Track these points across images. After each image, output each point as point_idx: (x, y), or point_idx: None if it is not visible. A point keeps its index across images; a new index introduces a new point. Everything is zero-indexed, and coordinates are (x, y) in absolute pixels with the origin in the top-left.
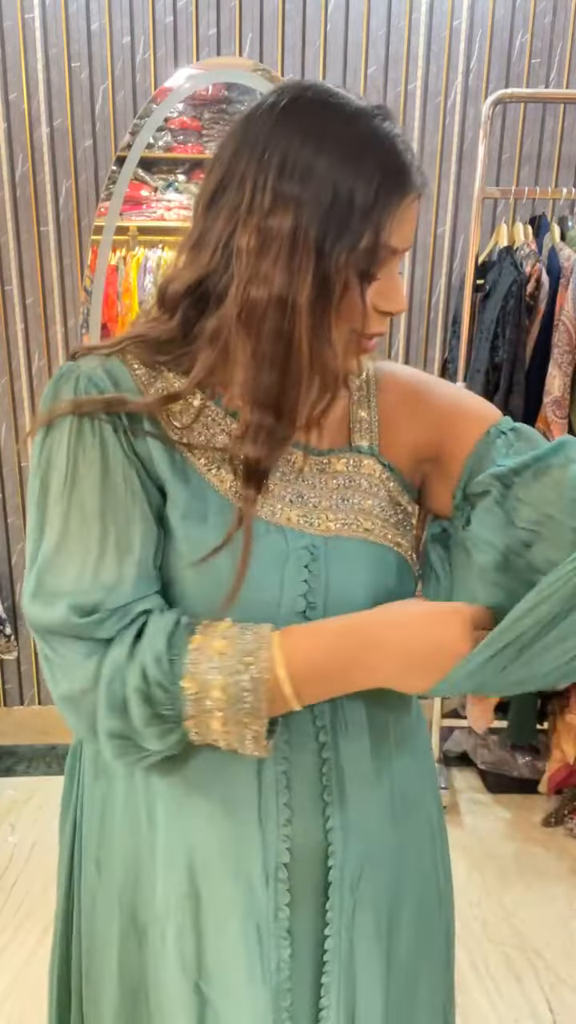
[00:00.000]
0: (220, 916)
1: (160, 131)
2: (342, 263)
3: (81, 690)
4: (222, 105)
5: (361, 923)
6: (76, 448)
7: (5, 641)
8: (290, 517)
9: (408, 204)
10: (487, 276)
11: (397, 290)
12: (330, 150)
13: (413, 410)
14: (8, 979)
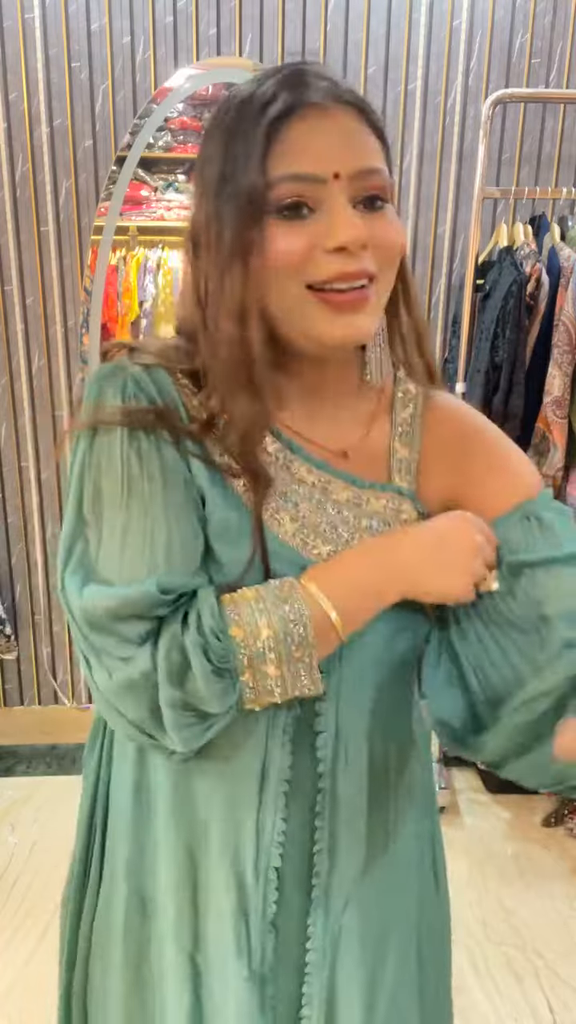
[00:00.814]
0: (215, 903)
1: (160, 131)
2: (236, 212)
3: (142, 672)
4: None
5: (345, 952)
6: (130, 452)
7: (5, 641)
8: (320, 551)
9: (295, 124)
10: (487, 276)
11: (339, 221)
12: (222, 128)
13: (455, 457)
14: (8, 979)
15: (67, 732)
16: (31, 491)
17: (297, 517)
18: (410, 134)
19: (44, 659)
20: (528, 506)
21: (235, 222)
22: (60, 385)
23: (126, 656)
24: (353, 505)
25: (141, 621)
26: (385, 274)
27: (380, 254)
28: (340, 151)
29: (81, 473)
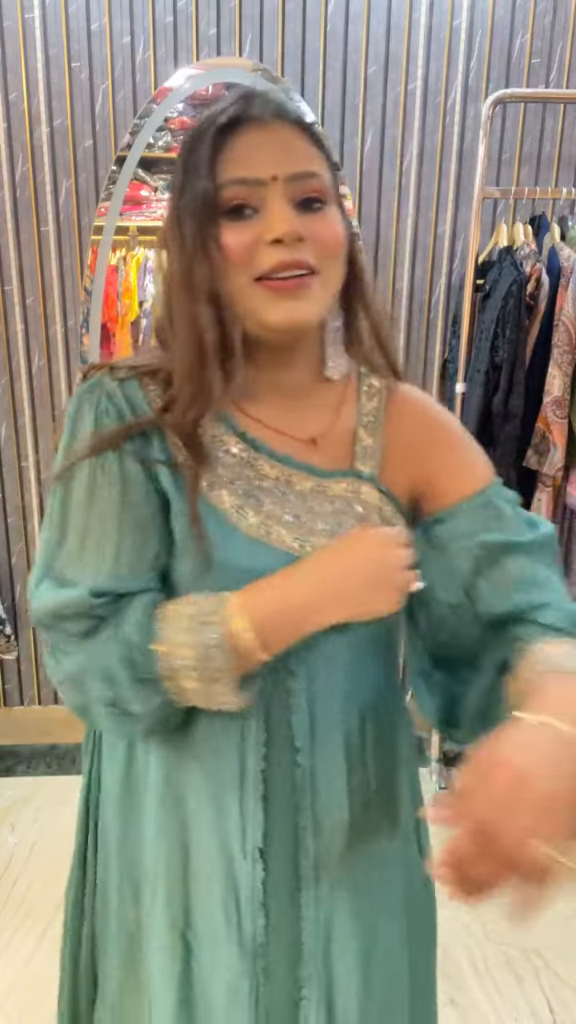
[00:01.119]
0: (205, 882)
1: (160, 131)
2: (191, 215)
3: (79, 667)
4: None
5: (339, 931)
6: (96, 466)
7: (5, 641)
8: (284, 539)
9: (235, 136)
10: (487, 276)
11: (275, 217)
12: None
13: (419, 446)
14: (8, 979)
15: (67, 732)
16: (31, 491)
17: (260, 511)
18: (410, 134)
19: (44, 659)
20: (486, 494)
21: (193, 222)
22: (60, 385)
23: (68, 651)
24: (316, 493)
25: (81, 620)
26: (327, 268)
27: (319, 249)
28: (277, 158)
29: (58, 478)
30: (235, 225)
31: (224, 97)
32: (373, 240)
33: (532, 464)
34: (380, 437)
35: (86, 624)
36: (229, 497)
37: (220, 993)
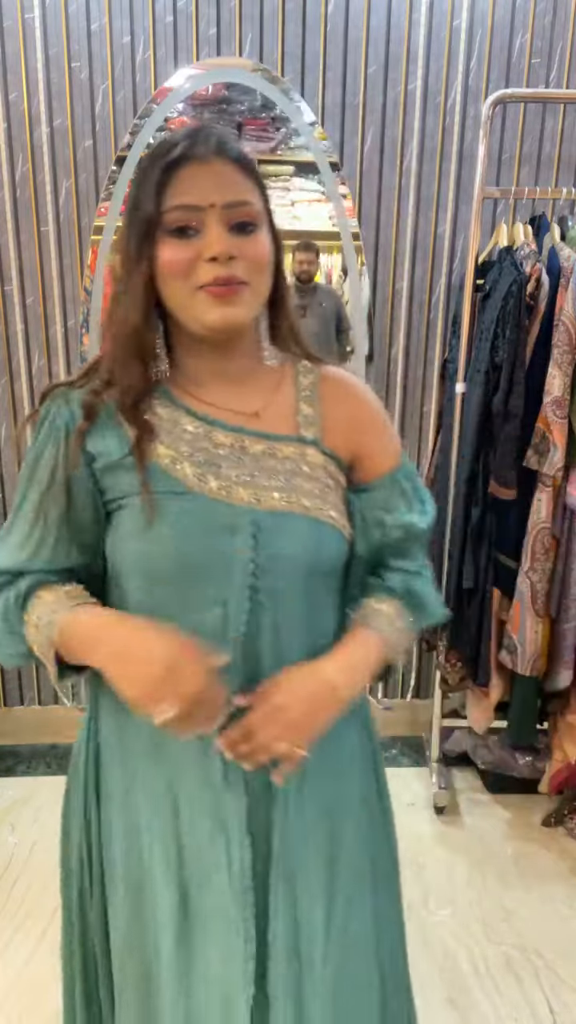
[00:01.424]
0: (194, 818)
1: (160, 131)
2: (140, 236)
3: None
4: (222, 105)
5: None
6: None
7: None
8: (242, 496)
9: (182, 171)
10: (487, 276)
11: (212, 238)
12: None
13: (351, 424)
14: (8, 979)
15: (67, 732)
16: None
17: (220, 475)
18: (410, 134)
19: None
20: (395, 474)
21: (135, 241)
22: None
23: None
24: (267, 455)
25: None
26: (255, 280)
27: (249, 265)
28: (215, 189)
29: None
30: (178, 243)
31: (176, 133)
32: (373, 240)
33: (532, 464)
34: (318, 408)
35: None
36: (191, 468)
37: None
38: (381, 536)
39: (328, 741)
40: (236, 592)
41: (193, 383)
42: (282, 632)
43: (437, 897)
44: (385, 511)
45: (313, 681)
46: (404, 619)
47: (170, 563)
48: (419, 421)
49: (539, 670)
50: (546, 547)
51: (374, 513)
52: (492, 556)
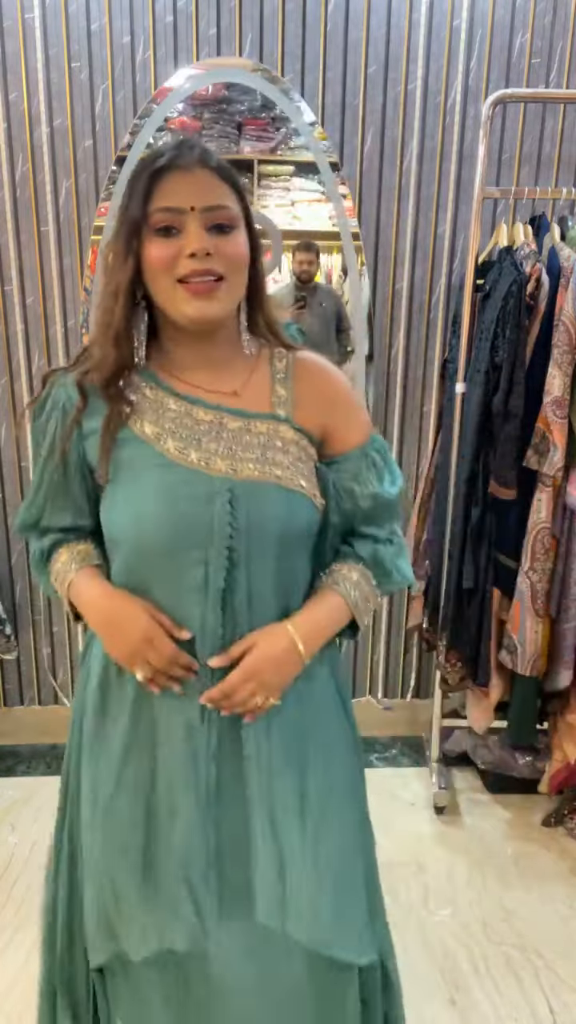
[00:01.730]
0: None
1: (160, 131)
2: (128, 234)
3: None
4: (222, 105)
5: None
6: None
7: (5, 641)
8: (220, 467)
9: (167, 178)
10: (487, 276)
11: (192, 237)
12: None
13: (322, 403)
14: (8, 979)
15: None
16: None
17: (201, 448)
18: (410, 134)
19: (44, 659)
20: (364, 447)
21: (123, 238)
22: None
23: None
24: (244, 431)
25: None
26: (232, 277)
27: (225, 262)
28: (195, 194)
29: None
30: (162, 241)
31: (165, 144)
32: (373, 240)
33: (532, 464)
34: (291, 390)
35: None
36: (173, 442)
37: (181, 835)
38: (352, 505)
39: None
40: (216, 553)
41: (178, 367)
42: (256, 588)
43: (437, 897)
44: (355, 482)
45: (281, 643)
46: (369, 584)
47: (156, 529)
48: (419, 421)
49: (539, 670)
50: (546, 547)
51: (345, 483)
52: (492, 556)
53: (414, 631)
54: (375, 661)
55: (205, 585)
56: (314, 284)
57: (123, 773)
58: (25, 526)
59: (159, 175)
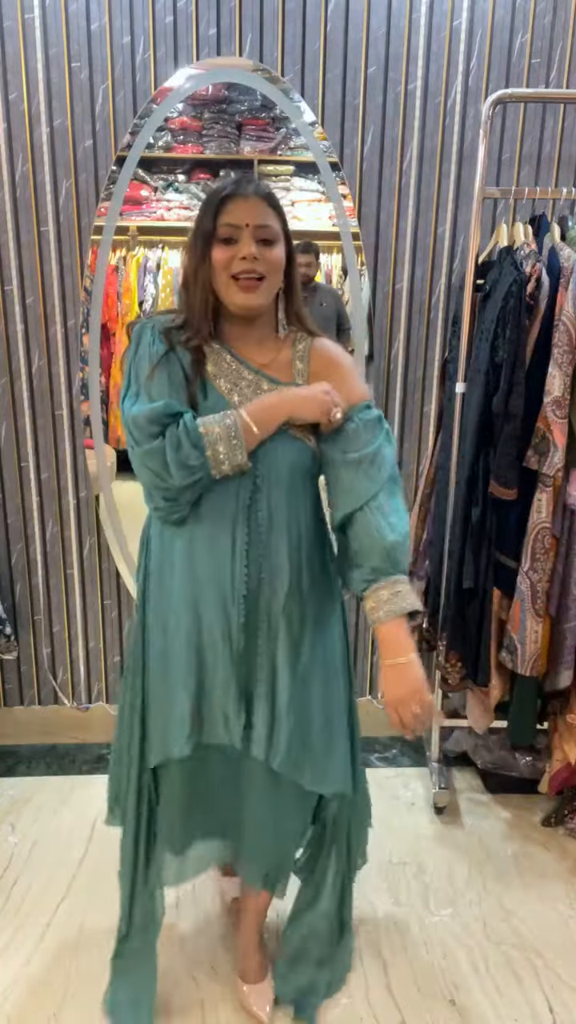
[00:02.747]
0: (209, 617)
1: (160, 131)
2: (203, 240)
3: (158, 447)
4: (222, 105)
5: (282, 641)
6: (151, 351)
7: (5, 641)
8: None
9: (231, 202)
10: (487, 276)
11: (244, 245)
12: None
13: (326, 368)
14: (8, 979)
15: (67, 732)
16: (31, 491)
17: (243, 395)
18: (410, 134)
19: (44, 659)
20: (360, 410)
21: (200, 245)
22: (60, 385)
23: (143, 444)
24: (273, 392)
25: (156, 424)
26: (270, 277)
27: (266, 266)
28: (249, 215)
29: (132, 360)
30: (225, 247)
31: (229, 177)
32: (373, 240)
33: (532, 464)
34: (307, 364)
35: (157, 428)
36: (225, 384)
37: (219, 680)
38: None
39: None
40: (246, 479)
41: (236, 340)
42: (272, 507)
43: (437, 897)
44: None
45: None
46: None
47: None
48: (419, 421)
49: (539, 670)
50: (546, 547)
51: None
52: (492, 556)
53: (414, 631)
54: (375, 661)
55: (237, 502)
56: (314, 284)
57: (179, 620)
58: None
59: (226, 200)
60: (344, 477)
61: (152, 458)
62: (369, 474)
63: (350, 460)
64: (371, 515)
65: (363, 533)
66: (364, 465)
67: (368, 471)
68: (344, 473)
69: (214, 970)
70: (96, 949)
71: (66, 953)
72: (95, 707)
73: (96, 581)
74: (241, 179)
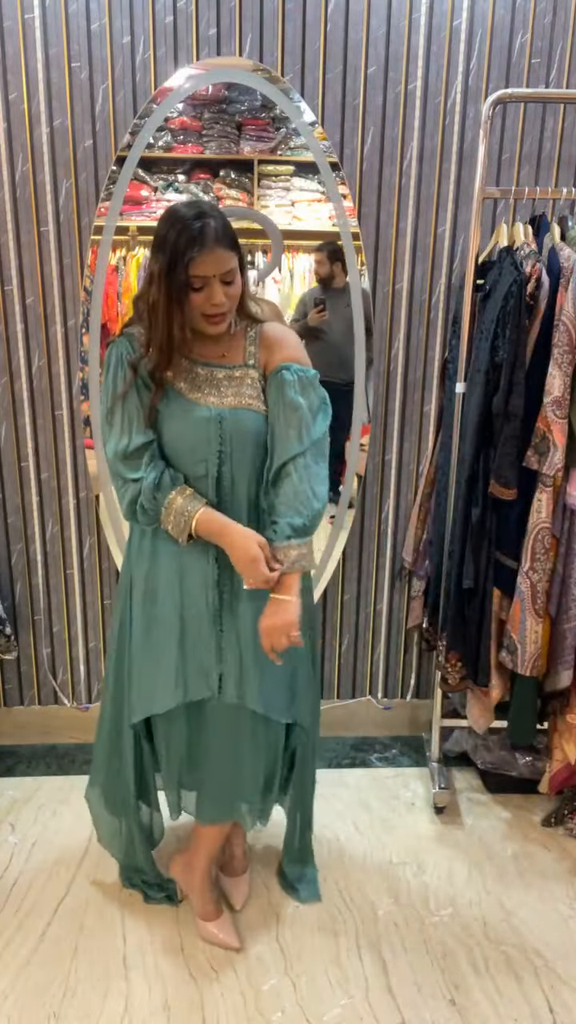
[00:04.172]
0: (193, 595)
1: (160, 131)
2: (174, 287)
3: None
4: (222, 105)
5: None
6: (116, 378)
7: (5, 641)
8: (211, 401)
9: (198, 259)
10: (487, 276)
11: (212, 297)
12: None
13: (271, 345)
14: (8, 979)
15: (67, 732)
16: (31, 491)
17: (200, 391)
18: (410, 134)
19: (44, 659)
20: (292, 365)
21: (177, 290)
22: (60, 385)
23: (123, 484)
24: (227, 378)
25: (130, 461)
26: (232, 306)
27: (231, 302)
28: (215, 266)
29: (104, 382)
30: (197, 294)
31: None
32: (373, 240)
33: (532, 464)
34: (258, 347)
35: (127, 475)
36: (184, 384)
37: (199, 635)
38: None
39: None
40: (212, 455)
41: (196, 345)
42: (236, 475)
43: (437, 897)
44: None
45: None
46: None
47: (180, 440)
48: (419, 421)
49: (539, 670)
50: (546, 547)
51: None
52: (492, 556)
53: (414, 631)
54: (375, 661)
55: (206, 473)
56: (342, 286)
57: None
58: (122, 452)
59: (191, 254)
60: (278, 428)
61: (122, 498)
62: (300, 432)
63: (290, 402)
64: (299, 479)
65: (291, 494)
66: (296, 419)
67: (299, 429)
68: (278, 423)
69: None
70: (96, 949)
71: (66, 953)
72: (95, 707)
73: (96, 581)
74: (203, 227)
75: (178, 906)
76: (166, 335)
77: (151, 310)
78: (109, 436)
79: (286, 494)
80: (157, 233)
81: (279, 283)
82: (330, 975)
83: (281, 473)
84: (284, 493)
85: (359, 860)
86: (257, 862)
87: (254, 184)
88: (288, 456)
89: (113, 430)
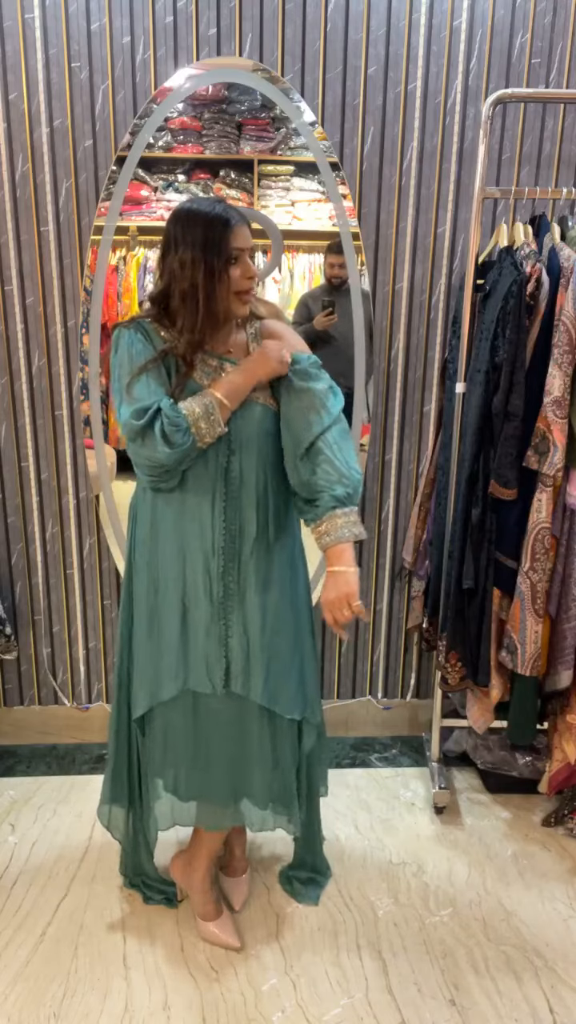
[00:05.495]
0: (193, 572)
1: (160, 131)
2: (218, 262)
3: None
4: (222, 105)
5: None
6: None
7: (5, 641)
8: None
9: (234, 230)
10: (487, 276)
11: (248, 267)
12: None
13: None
14: (8, 979)
15: (67, 732)
16: (31, 491)
17: (210, 379)
18: (410, 134)
19: (44, 659)
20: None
21: (219, 267)
22: (60, 385)
23: (143, 432)
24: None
25: (143, 419)
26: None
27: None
28: (247, 240)
29: (118, 363)
30: (235, 268)
31: (222, 207)
32: (373, 240)
33: (532, 464)
34: (259, 342)
35: (145, 421)
36: (198, 373)
37: (202, 625)
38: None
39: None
40: (221, 444)
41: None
42: (243, 464)
43: (437, 897)
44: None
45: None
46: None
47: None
48: (419, 421)
49: (539, 670)
50: (546, 547)
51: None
52: (492, 556)
53: (414, 631)
54: (375, 661)
55: (216, 461)
56: (348, 288)
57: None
58: (141, 409)
59: (228, 228)
60: (294, 414)
61: (147, 448)
62: (319, 411)
63: (300, 388)
64: (332, 453)
65: (328, 467)
66: (310, 400)
67: (317, 409)
68: (292, 409)
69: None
70: (96, 949)
71: (66, 953)
72: (95, 707)
73: (96, 581)
74: (226, 206)
75: (177, 908)
76: (206, 313)
77: (186, 296)
78: (124, 404)
79: (324, 469)
80: (178, 227)
81: (279, 283)
82: (330, 975)
83: (311, 451)
84: (321, 468)
85: (359, 860)
86: (257, 862)
87: (254, 184)
88: (314, 434)
89: (132, 398)
